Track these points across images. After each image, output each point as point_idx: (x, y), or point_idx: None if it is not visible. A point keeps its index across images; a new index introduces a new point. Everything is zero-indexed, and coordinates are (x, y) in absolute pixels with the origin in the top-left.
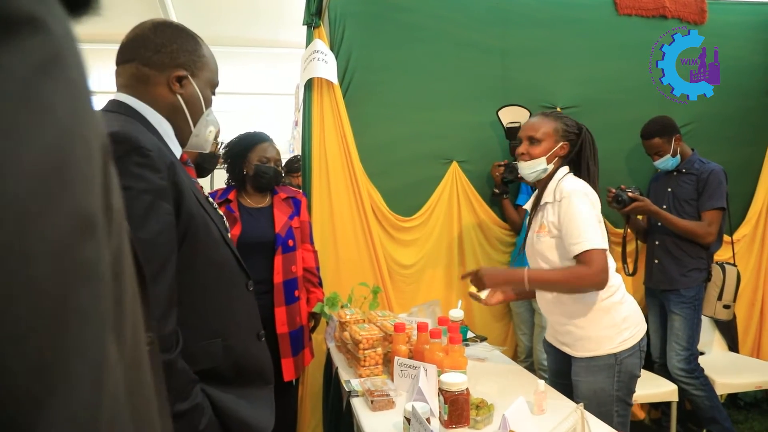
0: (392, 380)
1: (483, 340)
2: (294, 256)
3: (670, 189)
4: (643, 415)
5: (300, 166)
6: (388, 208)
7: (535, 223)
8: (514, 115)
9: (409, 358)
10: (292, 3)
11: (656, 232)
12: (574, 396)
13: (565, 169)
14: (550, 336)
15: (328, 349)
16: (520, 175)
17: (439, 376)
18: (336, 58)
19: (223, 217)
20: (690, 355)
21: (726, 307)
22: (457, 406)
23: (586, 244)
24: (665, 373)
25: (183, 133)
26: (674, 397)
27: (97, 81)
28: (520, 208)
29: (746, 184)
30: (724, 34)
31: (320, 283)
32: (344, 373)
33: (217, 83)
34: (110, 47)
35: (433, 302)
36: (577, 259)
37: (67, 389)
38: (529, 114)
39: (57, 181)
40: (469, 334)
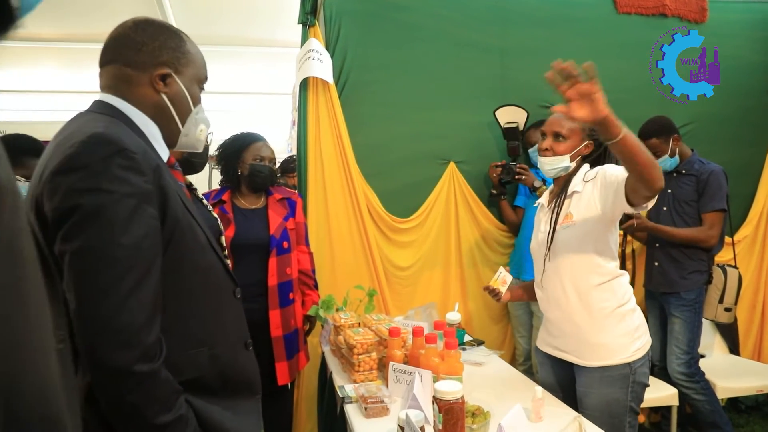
0: (387, 386)
1: (480, 343)
2: (289, 258)
3: (669, 190)
4: (643, 419)
5: (296, 167)
6: (385, 209)
7: (554, 217)
8: (512, 116)
9: (405, 363)
10: (290, 2)
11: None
12: (580, 407)
13: (587, 166)
14: (547, 345)
15: (323, 353)
16: (510, 179)
17: (435, 381)
18: (331, 58)
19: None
20: (690, 359)
21: (727, 310)
22: (452, 415)
23: None
24: (665, 377)
25: (171, 134)
26: (675, 402)
27: (95, 81)
28: (519, 209)
29: (747, 185)
30: (725, 33)
31: (316, 286)
32: (338, 378)
33: (205, 79)
34: None
35: (430, 305)
36: None
37: None
38: (526, 114)
39: None
40: (466, 338)
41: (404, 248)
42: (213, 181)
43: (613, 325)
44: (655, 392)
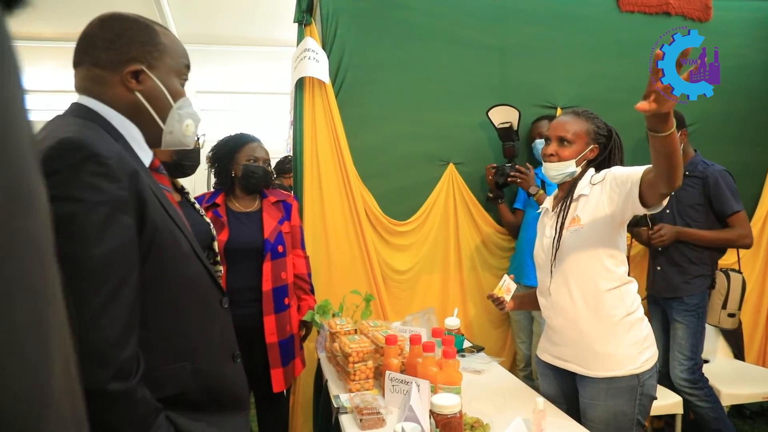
0: (383, 395)
1: (480, 350)
2: (284, 263)
3: (673, 193)
4: (647, 425)
5: (291, 167)
6: (382, 212)
7: (560, 221)
8: (505, 116)
9: (402, 372)
10: (288, 1)
11: None
12: (583, 419)
13: (593, 170)
14: (549, 354)
15: (319, 359)
16: (504, 181)
17: (433, 391)
18: (328, 57)
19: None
20: (694, 365)
21: (731, 315)
22: (449, 429)
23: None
24: (668, 383)
25: (153, 133)
26: (679, 410)
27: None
28: (518, 212)
29: (752, 186)
30: (729, 32)
31: (312, 290)
32: (334, 387)
33: (187, 69)
34: None
35: (428, 310)
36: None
37: None
38: (518, 114)
39: None
40: (466, 344)
41: (402, 251)
42: (212, 184)
43: (622, 334)
44: (660, 400)
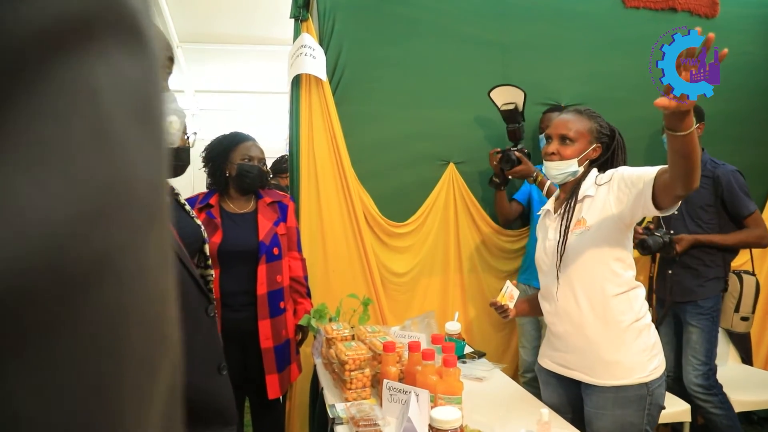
0: (381, 405)
1: (481, 356)
2: (279, 265)
3: None
4: None
5: (288, 167)
6: (380, 213)
7: (564, 224)
8: (509, 96)
9: (400, 380)
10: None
11: None
12: (589, 429)
13: (596, 171)
14: (552, 362)
15: (315, 365)
16: (510, 167)
17: (432, 401)
18: (325, 53)
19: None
20: (708, 370)
21: (744, 319)
22: None
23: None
24: (679, 389)
25: None
26: (687, 418)
27: None
28: (515, 203)
29: (760, 186)
30: (735, 28)
31: (308, 294)
32: (330, 395)
33: (168, 60)
34: None
35: (428, 314)
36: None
37: None
38: (524, 94)
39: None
40: (467, 349)
41: (401, 253)
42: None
43: (630, 340)
44: (667, 407)
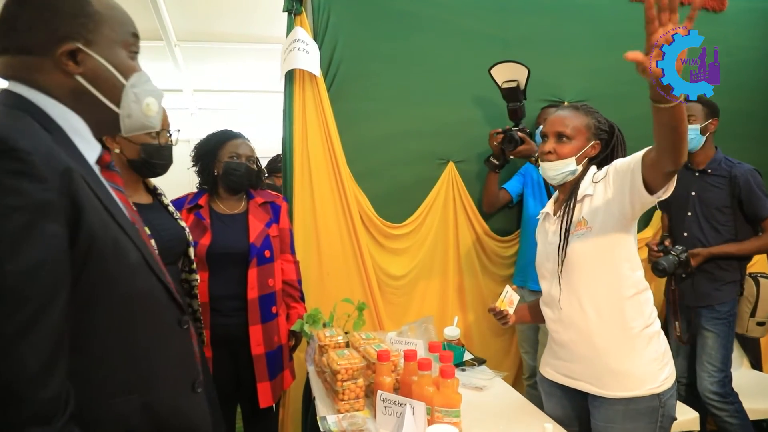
0: (375, 417)
1: (481, 363)
2: (271, 268)
3: (693, 192)
4: None
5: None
6: (377, 214)
7: (564, 226)
8: (511, 73)
9: (396, 390)
10: None
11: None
12: None
13: (595, 168)
14: (556, 372)
15: (308, 372)
16: (513, 147)
17: (429, 414)
18: (320, 48)
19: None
20: (724, 377)
21: (760, 324)
22: None
23: None
24: (691, 395)
25: (106, 120)
26: (696, 426)
27: None
28: (503, 191)
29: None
30: (744, 22)
31: (302, 297)
32: (321, 406)
33: (134, 37)
34: None
35: (426, 319)
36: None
37: None
38: (527, 71)
39: None
40: (466, 356)
41: (398, 256)
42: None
43: (641, 348)
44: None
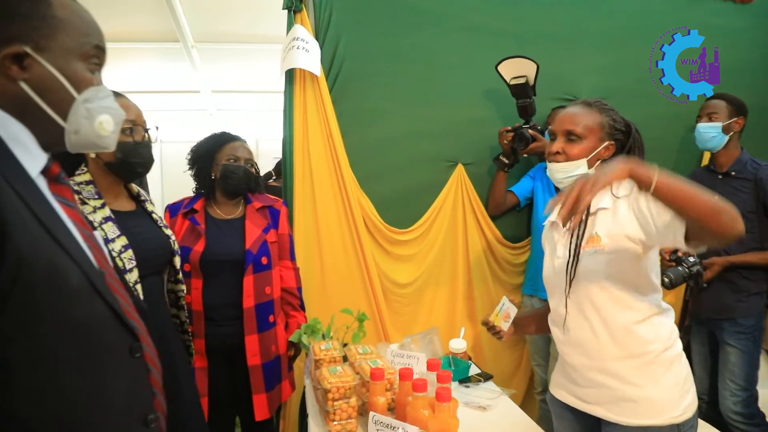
0: None
1: (488, 378)
2: (269, 276)
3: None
4: None
5: None
6: (381, 219)
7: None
8: (519, 69)
9: (391, 411)
10: None
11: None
12: None
13: None
14: (568, 393)
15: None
16: (525, 146)
17: None
18: (321, 46)
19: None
20: (749, 397)
21: None
22: None
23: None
24: (713, 414)
25: (49, 133)
26: None
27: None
28: (510, 194)
29: None
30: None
31: (302, 306)
32: (314, 425)
33: (96, 49)
34: (118, 46)
35: (431, 331)
36: None
37: None
38: (536, 66)
39: None
40: (472, 371)
41: (404, 263)
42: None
43: (660, 374)
44: None
